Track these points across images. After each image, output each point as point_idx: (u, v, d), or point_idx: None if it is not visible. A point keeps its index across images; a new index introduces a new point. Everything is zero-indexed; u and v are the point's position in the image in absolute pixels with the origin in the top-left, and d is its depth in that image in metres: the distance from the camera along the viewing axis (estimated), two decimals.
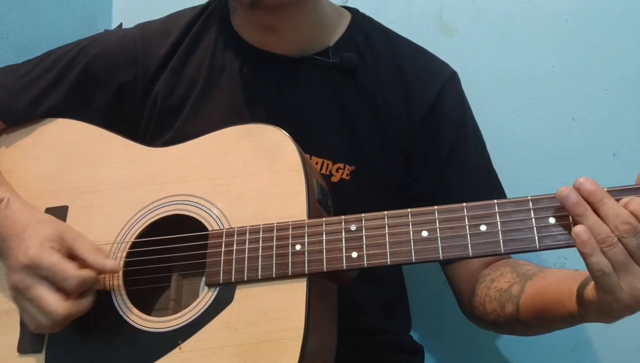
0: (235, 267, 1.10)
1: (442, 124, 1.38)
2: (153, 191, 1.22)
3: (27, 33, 1.61)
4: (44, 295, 1.10)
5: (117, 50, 1.40)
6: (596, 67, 1.68)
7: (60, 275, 1.09)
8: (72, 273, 1.10)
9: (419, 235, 1.04)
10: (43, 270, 1.10)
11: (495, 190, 1.41)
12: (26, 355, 1.18)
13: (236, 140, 1.21)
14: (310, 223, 1.10)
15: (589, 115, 1.68)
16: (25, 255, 1.11)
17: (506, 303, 1.24)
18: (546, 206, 1.01)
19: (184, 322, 1.10)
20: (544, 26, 1.70)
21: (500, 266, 1.32)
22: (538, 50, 1.70)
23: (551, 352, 1.68)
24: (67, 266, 1.10)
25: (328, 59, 1.35)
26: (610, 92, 1.67)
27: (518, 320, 1.23)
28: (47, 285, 1.10)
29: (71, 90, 1.37)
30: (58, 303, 1.09)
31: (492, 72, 1.72)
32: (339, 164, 1.34)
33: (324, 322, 1.13)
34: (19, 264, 1.12)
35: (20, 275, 1.12)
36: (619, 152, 1.66)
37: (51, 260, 1.10)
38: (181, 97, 1.38)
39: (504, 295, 1.26)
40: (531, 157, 1.70)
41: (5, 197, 1.23)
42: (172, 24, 1.44)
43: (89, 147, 1.31)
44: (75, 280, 1.09)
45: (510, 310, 1.24)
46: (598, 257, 0.95)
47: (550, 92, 1.70)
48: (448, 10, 1.76)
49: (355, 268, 1.06)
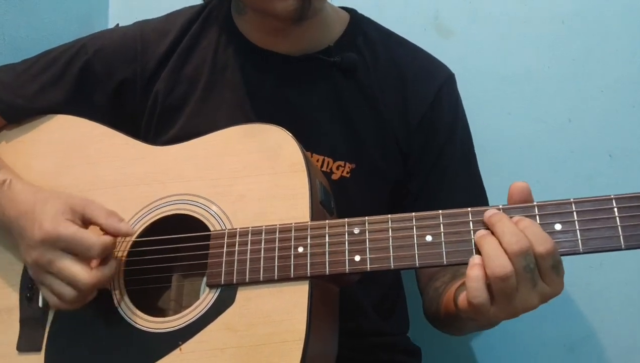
0: (237, 268, 1.10)
1: (437, 124, 1.39)
2: (154, 190, 1.22)
3: (23, 34, 1.61)
4: (69, 265, 1.10)
5: (117, 48, 1.40)
6: (592, 68, 1.68)
7: (83, 245, 1.09)
8: (94, 241, 1.09)
9: (422, 240, 1.03)
10: (62, 242, 1.10)
11: (478, 196, 1.41)
12: (25, 354, 1.18)
13: (239, 140, 1.21)
14: (313, 225, 1.09)
15: (585, 116, 1.68)
16: (41, 230, 1.11)
17: (434, 302, 1.28)
18: (552, 212, 1.00)
19: (185, 323, 1.10)
20: (540, 27, 1.71)
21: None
22: (534, 52, 1.71)
23: (548, 352, 1.69)
24: (88, 234, 1.10)
25: (329, 58, 1.36)
26: (607, 93, 1.67)
27: (439, 319, 1.27)
28: (69, 257, 1.10)
29: (71, 87, 1.37)
30: (85, 272, 1.09)
31: (488, 74, 1.73)
32: (340, 162, 1.34)
33: (326, 325, 1.13)
34: (36, 240, 1.11)
35: (39, 250, 1.11)
36: (615, 153, 1.66)
37: (70, 230, 1.10)
38: (182, 96, 1.38)
39: (436, 294, 1.29)
40: (527, 158, 1.71)
41: (7, 178, 1.23)
42: (171, 22, 1.44)
43: (91, 144, 1.30)
44: (98, 247, 1.09)
45: (435, 309, 1.28)
46: (480, 292, 0.97)
47: (547, 93, 1.70)
48: (444, 12, 1.76)
49: (357, 272, 1.06)
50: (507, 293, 0.96)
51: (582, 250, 0.97)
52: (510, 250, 0.95)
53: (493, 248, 0.96)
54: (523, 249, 0.94)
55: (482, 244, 0.98)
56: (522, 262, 0.95)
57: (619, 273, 1.65)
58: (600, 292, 1.67)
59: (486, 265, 0.96)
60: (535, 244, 0.95)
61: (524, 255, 0.94)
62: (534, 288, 0.97)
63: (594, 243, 0.97)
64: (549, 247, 0.95)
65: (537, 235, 0.96)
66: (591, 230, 0.97)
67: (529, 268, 0.95)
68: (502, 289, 0.95)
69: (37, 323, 1.18)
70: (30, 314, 1.19)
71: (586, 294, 1.68)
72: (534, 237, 0.96)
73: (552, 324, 1.68)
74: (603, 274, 1.66)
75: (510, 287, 0.95)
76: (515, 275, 0.95)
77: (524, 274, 0.95)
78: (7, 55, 1.53)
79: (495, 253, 0.96)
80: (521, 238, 0.95)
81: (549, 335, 1.67)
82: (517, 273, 0.95)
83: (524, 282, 0.96)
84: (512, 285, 0.95)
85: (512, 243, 0.95)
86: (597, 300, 1.67)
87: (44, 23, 1.69)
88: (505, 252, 0.95)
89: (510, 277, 0.94)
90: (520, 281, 0.95)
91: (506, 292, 0.96)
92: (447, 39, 1.76)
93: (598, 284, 1.67)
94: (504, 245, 0.96)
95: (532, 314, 1.61)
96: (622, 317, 1.66)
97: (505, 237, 0.96)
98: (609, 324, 1.66)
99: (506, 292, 0.95)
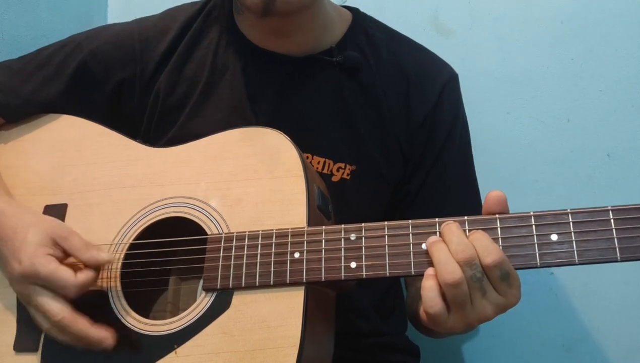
0: (233, 272, 1.10)
1: (438, 124, 1.38)
2: (152, 192, 1.22)
3: (22, 33, 1.61)
4: (45, 302, 1.10)
5: (113, 47, 1.39)
6: (591, 68, 1.68)
7: (59, 284, 1.09)
8: (70, 282, 1.09)
9: (419, 248, 1.03)
10: (40, 280, 1.10)
11: (471, 199, 1.41)
12: (22, 354, 1.18)
13: (237, 143, 1.21)
14: (310, 231, 1.09)
15: (584, 116, 1.68)
16: (21, 266, 1.11)
17: (415, 302, 1.29)
18: (549, 222, 1.00)
19: (181, 327, 1.10)
20: (539, 28, 1.71)
21: None
22: (533, 52, 1.71)
23: (546, 353, 1.69)
24: (64, 274, 1.09)
25: (331, 58, 1.35)
26: (605, 93, 1.67)
27: (417, 319, 1.26)
28: (47, 292, 1.10)
29: (68, 86, 1.37)
30: (59, 309, 1.09)
31: (487, 74, 1.73)
32: (340, 164, 1.34)
33: (321, 330, 1.13)
34: (17, 274, 1.11)
35: (20, 284, 1.12)
36: (613, 153, 1.66)
37: (47, 269, 1.09)
38: (182, 96, 1.37)
39: (417, 294, 1.28)
40: (526, 158, 1.71)
41: None
42: (170, 19, 1.43)
43: (89, 145, 1.30)
44: (74, 288, 1.09)
45: (414, 310, 1.29)
46: (434, 302, 0.98)
47: (546, 93, 1.70)
48: (444, 12, 1.76)
49: (353, 278, 1.05)
50: (460, 300, 0.97)
51: (577, 261, 0.98)
52: (457, 258, 0.97)
53: (443, 255, 0.98)
54: (467, 258, 0.96)
55: (433, 251, 1.00)
56: (469, 272, 0.96)
57: (617, 274, 1.65)
58: (598, 292, 1.67)
59: (437, 272, 0.98)
60: (482, 255, 0.97)
61: (469, 264, 0.96)
62: (484, 297, 0.98)
63: (589, 254, 0.97)
64: (496, 258, 0.96)
65: (484, 246, 0.97)
66: (587, 242, 0.98)
67: (475, 277, 0.97)
68: (455, 296, 0.97)
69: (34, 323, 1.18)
70: (27, 314, 1.18)
71: (585, 294, 1.68)
72: (480, 248, 0.97)
73: (550, 324, 1.69)
74: (602, 274, 1.66)
75: (462, 295, 0.97)
76: (466, 284, 0.96)
77: (472, 283, 0.97)
78: (6, 54, 1.53)
79: (445, 261, 0.97)
80: (467, 248, 0.97)
81: (547, 336, 1.67)
82: (467, 282, 0.96)
83: (474, 291, 0.97)
84: (463, 292, 0.97)
85: (458, 252, 0.97)
86: (595, 301, 1.67)
87: (43, 22, 1.69)
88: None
89: (460, 284, 0.96)
90: (470, 290, 0.97)
91: (458, 300, 0.97)
92: (447, 39, 1.76)
93: (596, 284, 1.67)
94: (452, 253, 0.98)
95: (531, 314, 1.65)
96: (621, 317, 1.66)
97: (452, 246, 0.98)
98: (607, 324, 1.66)
99: (458, 299, 0.97)
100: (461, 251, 0.97)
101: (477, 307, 0.98)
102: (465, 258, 0.96)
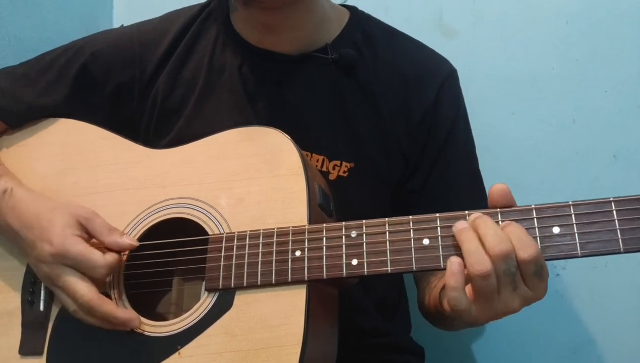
0: (235, 272, 1.10)
1: (438, 121, 1.38)
2: (154, 194, 1.22)
3: (28, 35, 1.62)
4: (73, 282, 1.12)
5: (114, 51, 1.40)
6: (596, 68, 1.67)
7: (89, 264, 1.11)
8: (99, 262, 1.11)
9: (420, 243, 1.02)
10: (69, 260, 1.12)
11: (477, 193, 1.41)
12: (27, 357, 1.18)
13: (238, 143, 1.21)
14: (311, 229, 1.09)
15: (589, 116, 1.67)
16: (52, 247, 1.12)
17: (427, 296, 1.29)
18: (550, 215, 0.99)
19: (184, 327, 1.10)
20: (544, 28, 1.70)
21: None
22: (538, 52, 1.70)
23: (552, 355, 1.68)
24: (94, 255, 1.12)
25: (326, 56, 1.35)
26: (611, 93, 1.66)
27: (431, 313, 1.28)
28: (75, 273, 1.12)
29: (70, 90, 1.37)
30: (88, 291, 1.11)
31: (492, 74, 1.72)
32: (336, 161, 1.34)
33: (324, 328, 1.13)
34: (47, 255, 1.13)
35: (49, 266, 1.13)
36: (619, 153, 1.65)
37: (77, 249, 1.12)
38: (181, 98, 1.38)
39: (429, 288, 1.30)
40: (531, 158, 1.70)
41: (8, 186, 1.23)
42: (169, 22, 1.43)
43: (91, 148, 1.31)
44: (104, 269, 1.12)
45: (427, 303, 1.29)
46: (459, 293, 0.97)
47: (551, 94, 1.70)
48: (448, 13, 1.76)
49: (355, 276, 1.05)
50: (488, 293, 0.96)
51: (580, 254, 0.97)
52: (492, 252, 0.95)
53: (473, 246, 0.96)
54: (504, 252, 0.94)
55: (463, 240, 0.98)
56: (503, 266, 0.95)
57: (623, 275, 1.65)
58: (604, 293, 1.66)
59: (466, 263, 0.96)
60: (519, 249, 0.95)
61: (505, 258, 0.94)
62: (515, 291, 0.97)
63: (592, 246, 0.96)
64: (532, 252, 0.95)
65: (521, 240, 0.95)
66: (590, 234, 0.97)
67: (509, 272, 0.95)
68: (482, 288, 0.95)
69: (39, 326, 1.19)
70: (32, 318, 1.20)
71: (590, 296, 1.67)
72: (518, 242, 0.95)
73: (556, 326, 1.68)
74: (608, 276, 1.65)
75: (490, 287, 0.95)
76: (496, 277, 0.95)
77: (503, 278, 0.95)
78: (12, 57, 1.54)
79: (476, 251, 0.96)
80: (504, 241, 0.95)
81: (553, 337, 1.66)
82: (497, 276, 0.95)
83: (504, 285, 0.96)
84: (492, 285, 0.95)
85: (494, 245, 0.95)
86: (601, 302, 1.66)
87: (49, 24, 1.70)
88: (486, 253, 0.95)
89: (489, 276, 0.94)
90: (501, 284, 0.96)
91: (486, 292, 0.96)
92: (451, 39, 1.75)
93: (602, 286, 1.66)
94: (487, 247, 0.95)
95: (537, 316, 1.65)
96: (626, 319, 1.65)
97: (488, 238, 0.96)
98: (613, 327, 1.65)
99: (486, 292, 0.96)
100: (497, 244, 0.94)
101: (504, 300, 0.97)
102: (502, 251, 0.94)
